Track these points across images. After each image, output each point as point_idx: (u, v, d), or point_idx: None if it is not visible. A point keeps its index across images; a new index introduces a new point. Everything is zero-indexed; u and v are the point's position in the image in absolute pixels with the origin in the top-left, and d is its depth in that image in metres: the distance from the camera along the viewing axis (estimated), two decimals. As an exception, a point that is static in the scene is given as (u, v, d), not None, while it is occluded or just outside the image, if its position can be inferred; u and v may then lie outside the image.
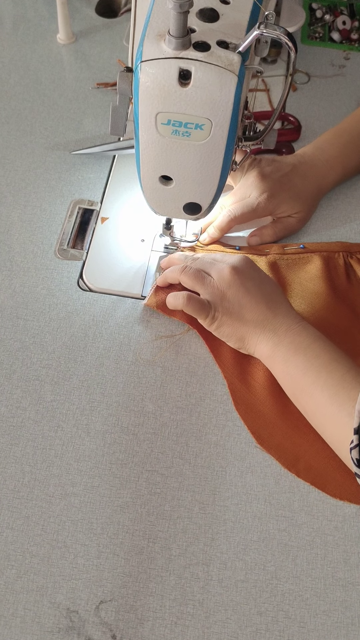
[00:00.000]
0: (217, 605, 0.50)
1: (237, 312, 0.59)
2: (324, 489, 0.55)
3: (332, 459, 0.56)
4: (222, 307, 0.59)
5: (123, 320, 0.65)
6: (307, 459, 0.56)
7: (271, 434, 0.58)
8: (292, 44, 0.48)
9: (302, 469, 0.56)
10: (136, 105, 0.49)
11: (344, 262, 0.69)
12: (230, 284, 0.59)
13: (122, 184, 0.76)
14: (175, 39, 0.45)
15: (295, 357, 0.56)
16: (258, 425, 0.58)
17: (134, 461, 0.57)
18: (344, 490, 0.55)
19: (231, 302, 0.59)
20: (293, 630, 0.50)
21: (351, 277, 0.69)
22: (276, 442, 0.57)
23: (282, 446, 0.57)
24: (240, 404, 0.59)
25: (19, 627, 0.49)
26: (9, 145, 0.79)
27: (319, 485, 0.55)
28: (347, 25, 0.94)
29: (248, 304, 0.59)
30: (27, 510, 0.54)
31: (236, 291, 0.59)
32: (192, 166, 0.53)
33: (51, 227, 0.72)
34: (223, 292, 0.59)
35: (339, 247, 0.70)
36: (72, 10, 0.95)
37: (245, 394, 0.60)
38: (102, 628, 0.49)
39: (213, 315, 0.59)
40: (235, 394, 0.60)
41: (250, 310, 0.59)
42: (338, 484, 0.55)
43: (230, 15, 0.49)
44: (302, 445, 0.57)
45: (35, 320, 0.65)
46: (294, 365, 0.56)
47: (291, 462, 0.56)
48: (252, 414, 0.59)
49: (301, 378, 0.56)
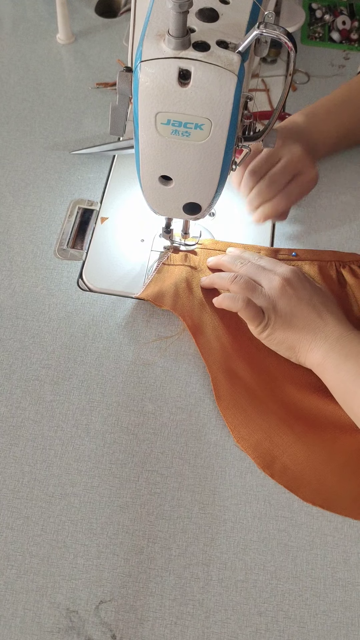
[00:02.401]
0: (217, 605, 0.50)
1: (288, 321, 0.59)
2: (297, 493, 0.55)
3: (308, 462, 0.56)
4: (275, 316, 0.59)
5: (123, 320, 0.65)
6: (283, 460, 0.56)
7: (250, 432, 0.58)
8: (291, 44, 0.48)
9: (277, 471, 0.56)
10: (136, 105, 0.49)
11: (336, 272, 0.68)
12: (282, 294, 0.60)
13: (121, 184, 0.76)
14: (175, 38, 0.45)
15: (347, 363, 0.56)
16: (238, 422, 0.58)
17: (133, 461, 0.57)
18: (317, 495, 0.55)
19: (283, 311, 0.59)
20: (293, 630, 0.50)
21: (343, 286, 0.68)
22: (255, 441, 0.57)
23: (260, 445, 0.57)
24: (222, 399, 0.59)
25: (18, 627, 0.49)
26: (8, 145, 0.79)
27: (292, 488, 0.55)
28: (346, 25, 0.94)
29: (299, 313, 0.59)
30: (27, 510, 0.54)
31: (288, 301, 0.59)
32: (192, 166, 0.53)
33: (51, 227, 0.72)
34: (274, 302, 0.60)
35: (331, 257, 0.70)
36: (72, 10, 0.95)
37: (228, 390, 0.60)
38: (101, 628, 0.49)
39: (266, 323, 0.60)
40: (218, 389, 0.60)
41: (302, 319, 0.59)
42: (312, 488, 0.55)
43: (230, 15, 0.49)
44: (280, 445, 0.57)
45: (34, 320, 0.65)
46: (345, 371, 0.56)
47: (267, 462, 0.56)
48: (233, 410, 0.59)
49: (352, 383, 0.55)
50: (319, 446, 0.57)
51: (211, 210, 0.60)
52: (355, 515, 0.54)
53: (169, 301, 0.64)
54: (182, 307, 0.64)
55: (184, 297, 0.65)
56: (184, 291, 0.65)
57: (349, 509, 0.54)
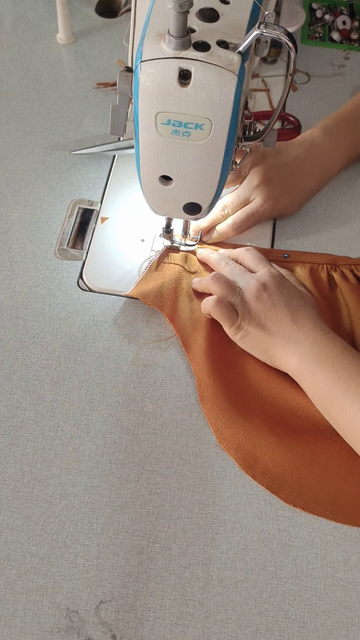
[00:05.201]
0: (217, 605, 0.50)
1: (262, 325, 0.59)
2: (278, 494, 0.55)
3: (289, 464, 0.56)
4: (248, 319, 0.59)
5: (123, 320, 0.65)
6: (265, 461, 0.56)
7: (233, 433, 0.57)
8: (292, 44, 0.48)
9: (258, 472, 0.56)
10: (136, 105, 0.49)
11: (327, 275, 0.68)
12: (257, 298, 0.59)
13: (122, 184, 0.76)
14: (175, 38, 0.45)
15: (323, 369, 0.55)
16: (221, 423, 0.58)
17: (133, 461, 0.57)
18: (297, 497, 0.54)
19: (256, 314, 0.59)
20: (293, 630, 0.50)
21: (333, 289, 0.67)
22: (237, 442, 0.57)
23: (242, 446, 0.57)
24: (205, 401, 0.59)
25: (18, 627, 0.49)
26: (8, 145, 0.79)
27: (273, 489, 0.55)
28: (347, 25, 0.94)
29: (273, 317, 0.59)
30: (27, 510, 0.54)
31: (262, 305, 0.59)
32: (192, 166, 0.53)
33: (51, 227, 0.72)
34: (249, 305, 0.60)
35: (324, 259, 0.69)
36: (72, 10, 0.95)
37: (212, 391, 0.59)
38: (102, 628, 0.49)
39: (239, 324, 0.60)
40: (202, 390, 0.60)
41: (275, 323, 0.58)
42: (293, 490, 0.55)
43: (230, 15, 0.49)
44: (262, 447, 0.57)
45: (35, 320, 0.65)
46: (322, 377, 0.55)
47: (249, 464, 0.56)
48: (216, 412, 0.59)
49: (330, 390, 0.55)
50: (301, 448, 0.57)
51: (211, 210, 0.60)
52: (335, 517, 0.54)
53: (158, 300, 0.64)
54: (170, 307, 0.64)
55: (173, 297, 0.65)
56: (173, 291, 0.65)
57: (329, 511, 0.54)
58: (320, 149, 0.72)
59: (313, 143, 0.72)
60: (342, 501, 0.54)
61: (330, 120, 0.74)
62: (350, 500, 0.54)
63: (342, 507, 0.54)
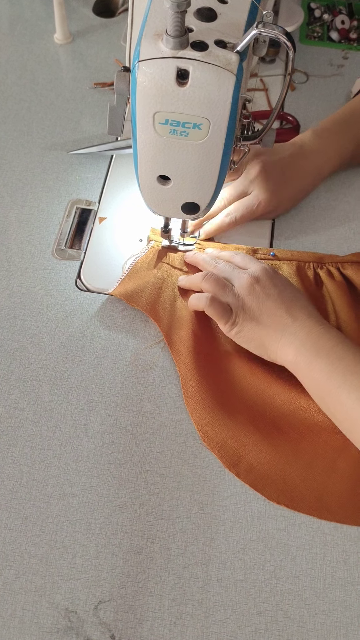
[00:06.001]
0: (216, 605, 0.50)
1: (256, 319, 0.59)
2: (263, 492, 0.55)
3: (273, 462, 0.56)
4: (242, 313, 0.59)
5: (121, 320, 0.65)
6: (249, 459, 0.56)
7: (217, 431, 0.57)
8: (290, 44, 0.48)
9: (242, 470, 0.56)
10: (134, 105, 0.49)
11: (313, 273, 0.68)
12: (250, 292, 0.59)
13: (119, 183, 0.76)
14: (173, 38, 0.45)
15: (318, 361, 0.55)
16: (205, 421, 0.58)
17: (132, 461, 0.57)
18: (281, 495, 0.54)
19: (250, 308, 0.59)
20: (292, 630, 0.50)
21: (320, 287, 0.67)
22: (221, 440, 0.57)
23: (226, 445, 0.57)
24: (190, 399, 0.59)
25: (17, 627, 0.49)
26: (6, 146, 0.79)
27: (257, 488, 0.55)
28: (345, 25, 0.94)
29: (267, 310, 0.59)
30: (26, 510, 0.54)
31: (255, 298, 0.59)
32: (190, 166, 0.53)
33: (49, 227, 0.72)
34: (243, 300, 0.60)
35: (310, 257, 0.69)
36: (69, 10, 0.95)
37: (196, 390, 0.59)
38: (100, 628, 0.49)
39: (233, 320, 0.60)
40: (187, 389, 0.60)
41: (269, 316, 0.58)
42: (278, 487, 0.55)
43: (228, 15, 0.49)
44: (246, 445, 0.57)
45: (32, 320, 0.65)
46: (318, 369, 0.55)
47: (233, 462, 0.56)
48: (200, 410, 0.58)
49: (326, 381, 0.55)
50: (285, 446, 0.57)
51: (210, 209, 0.60)
52: (319, 514, 0.54)
53: (141, 300, 0.64)
54: (155, 305, 0.64)
55: (158, 296, 0.65)
56: (158, 290, 0.65)
57: (314, 508, 0.54)
58: (311, 149, 0.73)
59: (303, 144, 0.73)
60: (326, 498, 0.54)
61: (322, 123, 0.76)
62: (335, 497, 0.54)
63: (327, 504, 0.54)
